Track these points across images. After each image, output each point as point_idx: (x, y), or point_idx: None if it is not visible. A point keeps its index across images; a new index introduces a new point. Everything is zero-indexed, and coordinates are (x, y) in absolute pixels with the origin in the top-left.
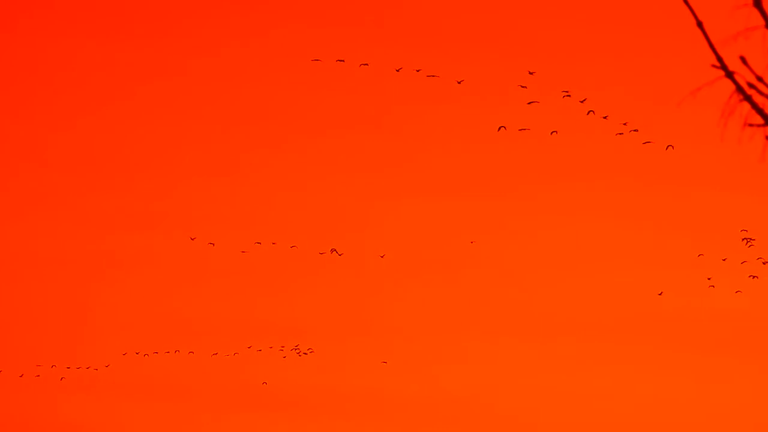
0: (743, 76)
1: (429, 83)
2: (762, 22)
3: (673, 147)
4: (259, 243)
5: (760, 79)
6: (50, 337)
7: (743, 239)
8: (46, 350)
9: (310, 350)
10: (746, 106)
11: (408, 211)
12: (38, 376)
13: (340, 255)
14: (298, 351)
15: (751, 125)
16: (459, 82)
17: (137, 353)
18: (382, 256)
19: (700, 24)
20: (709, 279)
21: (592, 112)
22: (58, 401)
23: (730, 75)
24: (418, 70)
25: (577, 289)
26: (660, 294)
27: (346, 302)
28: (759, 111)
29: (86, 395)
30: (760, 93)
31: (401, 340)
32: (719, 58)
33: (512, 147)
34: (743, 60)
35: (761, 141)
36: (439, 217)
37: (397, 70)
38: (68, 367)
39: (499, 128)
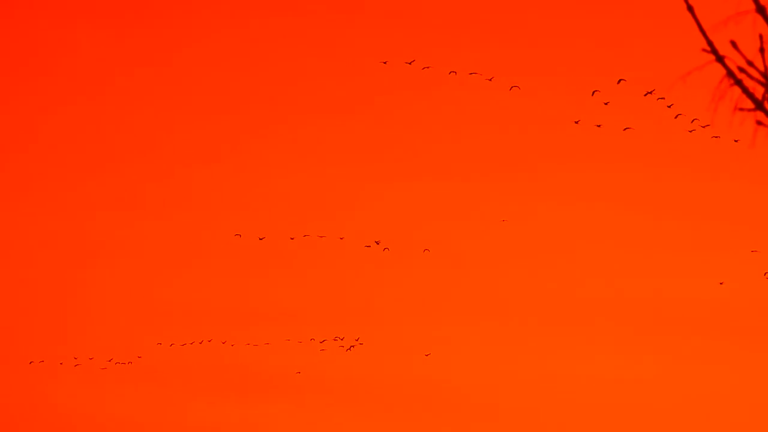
0: (734, 61)
1: (484, 85)
2: (752, 6)
3: (737, 141)
4: (307, 235)
5: (750, 63)
6: (86, 327)
7: None
8: (84, 340)
9: (359, 342)
10: (737, 90)
11: (451, 205)
12: (77, 365)
13: (385, 249)
14: (342, 343)
15: (741, 110)
16: (513, 88)
17: (171, 344)
18: (426, 250)
19: (690, 8)
20: (766, 274)
21: (669, 107)
22: (96, 391)
23: (720, 60)
24: (472, 73)
25: (630, 278)
26: (721, 284)
27: (390, 295)
28: (750, 95)
29: (123, 384)
30: (751, 77)
31: (444, 333)
32: (710, 43)
33: (582, 142)
34: (734, 44)
35: (752, 126)
36: (482, 209)
37: (451, 73)
38: (109, 360)
39: (576, 122)
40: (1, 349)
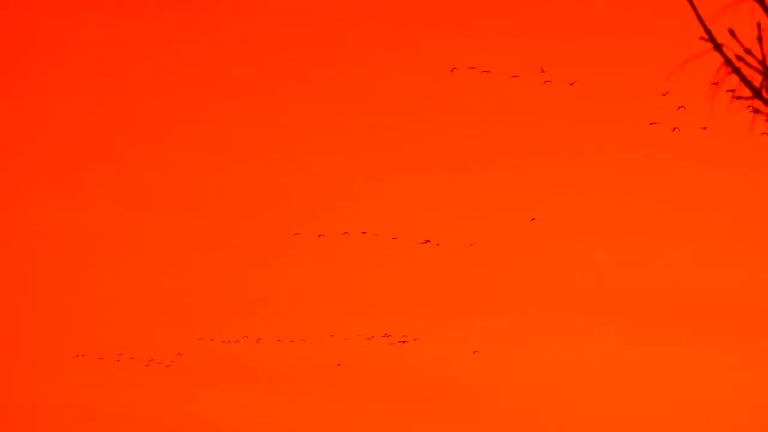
0: (732, 49)
1: (545, 86)
2: None
3: None
4: (365, 233)
5: (748, 51)
6: (125, 324)
7: None
8: (124, 337)
9: (408, 338)
10: (735, 78)
11: (500, 202)
12: (118, 360)
13: (437, 245)
14: (390, 340)
15: (739, 98)
16: (571, 84)
17: (212, 339)
18: (472, 244)
19: None
20: None
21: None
22: (136, 387)
23: (718, 48)
24: (543, 71)
25: (695, 274)
26: None
27: (437, 291)
28: (747, 84)
29: (163, 381)
30: (749, 66)
31: (493, 330)
32: (708, 31)
33: (654, 144)
34: (732, 33)
35: (749, 114)
36: (533, 207)
37: (514, 76)
38: (151, 360)
39: (651, 124)
40: (44, 343)
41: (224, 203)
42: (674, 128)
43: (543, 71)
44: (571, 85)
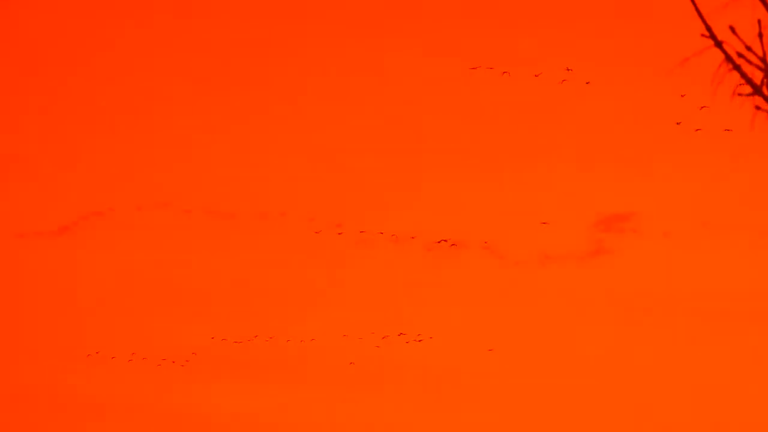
0: (732, 46)
1: (555, 86)
2: None
3: None
4: (382, 233)
5: (749, 48)
6: (143, 322)
7: None
8: (139, 334)
9: (423, 336)
10: (735, 75)
11: (514, 201)
12: (130, 360)
13: (452, 245)
14: (406, 338)
15: (740, 95)
16: (587, 83)
17: (224, 339)
18: (485, 242)
19: None
20: None
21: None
22: (149, 386)
23: (719, 45)
24: (569, 69)
25: (729, 277)
26: None
27: (452, 290)
28: (748, 80)
29: (178, 378)
30: (750, 62)
31: (507, 328)
32: (708, 28)
33: (680, 144)
34: (732, 30)
35: (751, 110)
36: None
37: (536, 76)
38: (164, 359)
39: (677, 123)
40: (57, 342)
41: (238, 202)
42: (697, 129)
43: (569, 70)
44: (587, 84)
